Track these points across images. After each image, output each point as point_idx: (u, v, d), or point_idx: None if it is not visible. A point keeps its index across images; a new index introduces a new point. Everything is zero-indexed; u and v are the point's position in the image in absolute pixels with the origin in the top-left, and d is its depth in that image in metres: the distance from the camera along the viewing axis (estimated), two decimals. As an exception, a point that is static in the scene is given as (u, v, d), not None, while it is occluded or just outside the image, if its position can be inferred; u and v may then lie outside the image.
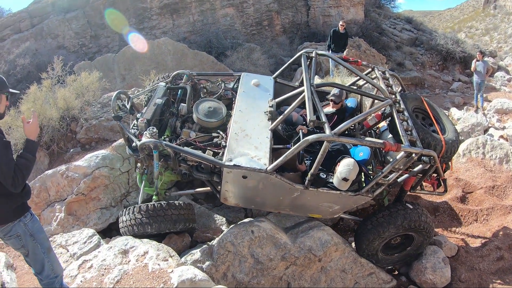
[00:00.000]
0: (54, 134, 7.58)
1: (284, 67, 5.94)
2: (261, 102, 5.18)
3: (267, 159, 4.34)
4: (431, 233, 5.23)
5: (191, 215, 4.83)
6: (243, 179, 4.36)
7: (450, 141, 5.12)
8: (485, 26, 41.03)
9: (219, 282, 4.49)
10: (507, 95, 14.15)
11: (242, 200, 4.85)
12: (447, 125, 5.45)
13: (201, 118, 5.02)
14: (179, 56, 13.02)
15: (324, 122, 4.24)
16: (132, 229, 4.56)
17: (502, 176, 7.67)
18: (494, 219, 6.68)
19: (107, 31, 16.55)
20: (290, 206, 4.91)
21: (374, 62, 13.66)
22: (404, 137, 4.60)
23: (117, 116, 5.00)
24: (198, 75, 5.89)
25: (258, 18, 17.83)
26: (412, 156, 4.51)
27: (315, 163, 4.29)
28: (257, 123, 4.83)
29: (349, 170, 4.30)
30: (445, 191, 5.63)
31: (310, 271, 5.00)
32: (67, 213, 5.67)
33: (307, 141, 4.19)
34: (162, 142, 4.43)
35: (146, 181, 5.11)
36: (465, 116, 10.68)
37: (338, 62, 5.50)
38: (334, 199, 4.68)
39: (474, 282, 5.49)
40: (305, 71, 4.92)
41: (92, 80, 8.42)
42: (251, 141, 4.55)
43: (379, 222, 5.01)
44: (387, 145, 4.33)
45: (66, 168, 5.82)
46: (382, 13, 21.44)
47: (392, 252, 5.49)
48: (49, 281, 3.39)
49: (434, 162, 4.67)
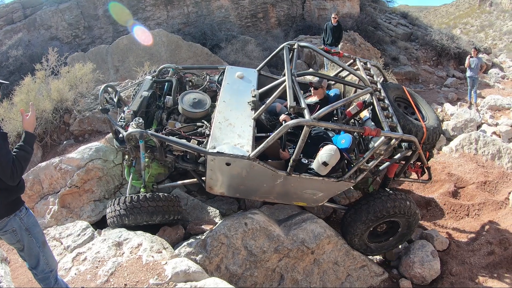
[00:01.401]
0: (47, 126, 7.53)
1: (267, 60, 6.01)
2: (244, 93, 5.29)
3: (249, 146, 4.42)
4: (415, 218, 5.25)
5: (172, 207, 4.79)
6: (226, 166, 4.40)
7: (431, 127, 5.18)
8: (480, 23, 41.16)
9: (213, 274, 4.50)
10: (500, 92, 14.24)
11: (227, 188, 4.86)
12: (428, 114, 5.52)
13: (186, 109, 5.09)
14: (173, 47, 12.95)
15: (304, 108, 4.30)
16: (113, 221, 4.65)
17: (494, 171, 7.76)
18: (485, 214, 6.77)
19: (101, 22, 16.40)
20: (274, 194, 4.94)
21: (369, 56, 13.67)
22: (384, 122, 4.68)
23: (104, 109, 5.05)
24: (184, 68, 5.99)
25: (253, 10, 17.74)
26: (393, 141, 4.58)
27: (296, 148, 4.35)
28: (240, 113, 4.93)
29: (330, 155, 4.35)
30: (430, 179, 5.74)
31: (303, 263, 5.04)
32: (60, 205, 5.65)
33: (287, 126, 4.26)
34: (148, 132, 4.50)
35: (134, 174, 5.17)
36: (458, 112, 10.76)
37: (320, 54, 5.55)
38: (317, 186, 4.72)
39: (465, 275, 5.56)
40: (286, 61, 4.99)
41: (86, 71, 8.35)
42: (235, 130, 4.63)
43: (362, 208, 5.08)
44: (367, 130, 4.42)
45: (60, 160, 5.80)
46: (377, 8, 21.44)
47: (379, 240, 5.54)
48: (44, 276, 3.38)
49: (416, 148, 4.76)
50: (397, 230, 5.41)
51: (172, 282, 3.66)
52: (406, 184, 7.55)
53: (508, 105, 11.64)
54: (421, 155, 5.13)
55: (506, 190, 7.26)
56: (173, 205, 4.80)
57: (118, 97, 5.36)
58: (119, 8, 15.81)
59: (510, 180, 7.53)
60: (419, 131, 4.99)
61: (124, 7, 15.93)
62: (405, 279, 5.59)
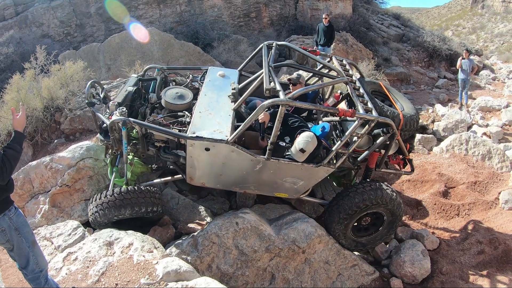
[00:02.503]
0: (38, 125, 7.48)
1: (248, 60, 6.09)
2: (225, 89, 5.43)
3: (228, 132, 4.50)
4: (395, 203, 5.19)
5: (143, 198, 4.67)
6: (205, 152, 4.45)
7: (408, 115, 5.27)
8: (472, 25, 41.62)
9: (204, 274, 4.50)
10: (491, 93, 14.39)
11: (207, 178, 4.88)
12: (405, 105, 5.60)
13: (169, 101, 5.12)
14: (165, 46, 12.92)
15: (279, 90, 4.37)
16: (91, 219, 4.75)
17: (484, 172, 7.84)
18: (475, 214, 6.83)
19: (93, 20, 16.31)
20: (255, 183, 4.96)
21: (361, 57, 13.72)
22: (359, 105, 4.73)
23: (90, 102, 5.13)
24: (169, 68, 6.11)
25: (246, 10, 17.74)
26: (369, 123, 4.63)
27: (273, 130, 4.38)
28: (221, 105, 5.05)
29: (307, 141, 4.39)
30: (412, 170, 5.80)
31: (294, 263, 5.05)
32: (51, 205, 5.60)
33: (263, 106, 4.32)
34: (131, 119, 4.52)
35: (116, 173, 5.19)
36: (449, 113, 10.85)
37: (298, 51, 5.66)
38: (297, 172, 4.75)
39: (455, 274, 5.61)
40: (264, 55, 5.16)
41: (77, 69, 8.31)
42: (214, 118, 4.74)
43: (343, 201, 5.07)
44: (341, 111, 4.45)
45: (50, 159, 5.75)
46: (370, 9, 21.52)
47: (369, 233, 5.54)
48: (34, 276, 3.36)
49: (393, 132, 4.81)
50: (383, 219, 5.40)
51: (163, 282, 3.66)
52: (396, 184, 7.61)
53: (498, 107, 11.77)
54: (401, 144, 5.21)
55: (496, 190, 7.34)
56: (143, 197, 4.67)
57: (104, 94, 5.43)
58: (116, 4, 15.71)
59: (500, 181, 7.61)
60: (396, 117, 5.07)
61: (120, 4, 15.85)
62: (396, 278, 5.62)
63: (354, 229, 5.39)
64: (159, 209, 4.88)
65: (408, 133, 5.44)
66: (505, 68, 19.89)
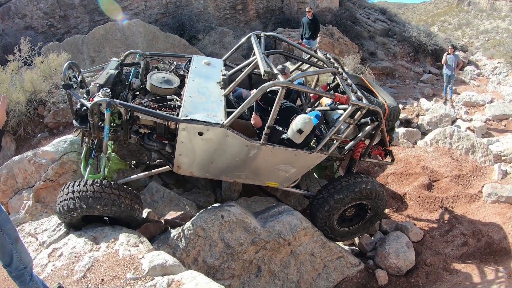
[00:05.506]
0: (21, 119, 7.35)
1: (233, 50, 6.00)
2: (212, 77, 5.31)
3: (223, 116, 4.42)
4: (382, 199, 5.39)
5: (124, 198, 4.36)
6: (198, 136, 4.32)
7: (391, 106, 5.54)
8: (458, 21, 42.07)
9: (190, 267, 4.49)
10: (475, 89, 14.61)
11: (196, 166, 4.74)
12: (386, 98, 5.80)
13: (156, 85, 4.84)
14: (150, 38, 12.77)
15: (277, 74, 4.37)
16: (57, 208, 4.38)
17: (467, 166, 7.97)
18: (459, 207, 6.95)
19: (77, 12, 16.01)
20: (246, 172, 4.91)
21: (347, 51, 13.77)
22: (350, 93, 4.79)
23: (67, 84, 4.65)
24: (151, 54, 5.83)
25: (232, 2, 17.60)
26: (360, 110, 4.71)
27: (271, 113, 4.36)
28: (210, 90, 4.94)
29: (305, 122, 4.44)
30: (393, 161, 6.02)
31: (280, 255, 5.09)
32: (35, 200, 5.53)
33: (263, 88, 4.31)
34: (116, 101, 4.17)
35: (92, 167, 4.96)
36: (433, 107, 10.98)
37: (285, 41, 5.81)
38: (290, 159, 4.77)
39: (439, 266, 5.72)
40: (255, 43, 5.10)
41: (61, 62, 8.16)
42: (206, 102, 4.63)
43: (329, 193, 5.15)
44: (337, 96, 4.56)
45: (34, 153, 5.67)
46: (356, 3, 21.55)
47: (358, 220, 5.64)
48: (19, 273, 3.31)
49: (380, 120, 4.92)
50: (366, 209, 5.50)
51: (149, 276, 3.65)
52: (381, 177, 7.69)
53: (482, 102, 11.95)
54: (384, 135, 5.38)
55: (479, 183, 7.48)
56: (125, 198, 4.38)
57: (81, 78, 5.00)
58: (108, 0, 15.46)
59: (483, 174, 7.75)
60: (381, 107, 5.20)
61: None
62: (381, 270, 5.71)
63: (339, 220, 5.45)
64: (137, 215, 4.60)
65: (391, 124, 5.67)
66: (489, 64, 20.15)
